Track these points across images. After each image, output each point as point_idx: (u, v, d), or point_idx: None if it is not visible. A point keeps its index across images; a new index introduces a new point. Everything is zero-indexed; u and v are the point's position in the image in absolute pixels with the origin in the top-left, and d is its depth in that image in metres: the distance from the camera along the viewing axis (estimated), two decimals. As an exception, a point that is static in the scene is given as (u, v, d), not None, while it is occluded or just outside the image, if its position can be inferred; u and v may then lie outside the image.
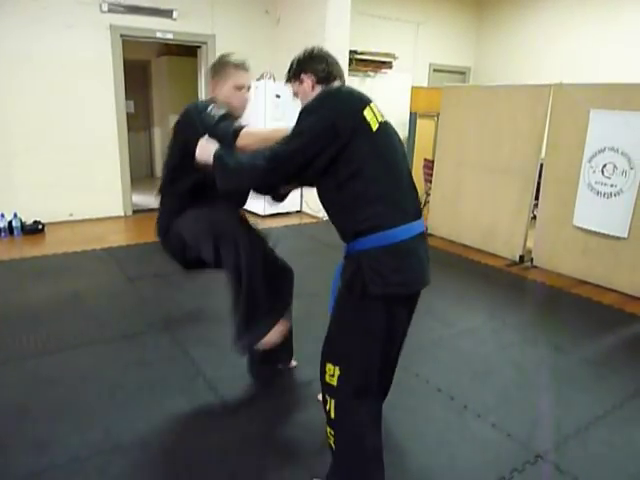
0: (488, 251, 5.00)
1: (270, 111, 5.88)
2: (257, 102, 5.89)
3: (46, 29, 5.10)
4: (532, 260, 4.66)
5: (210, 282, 3.97)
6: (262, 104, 5.85)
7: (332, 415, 1.67)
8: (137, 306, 3.48)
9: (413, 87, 6.97)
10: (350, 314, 1.65)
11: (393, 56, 7.08)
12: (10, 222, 5.04)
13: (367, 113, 1.61)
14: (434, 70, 7.77)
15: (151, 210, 6.34)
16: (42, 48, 5.11)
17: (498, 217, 4.91)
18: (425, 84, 7.56)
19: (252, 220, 2.45)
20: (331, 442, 1.71)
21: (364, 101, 1.66)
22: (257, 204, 6.21)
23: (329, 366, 1.66)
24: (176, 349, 2.88)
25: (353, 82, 6.36)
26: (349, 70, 6.08)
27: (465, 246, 5.20)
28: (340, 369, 1.63)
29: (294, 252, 4.95)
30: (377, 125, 1.62)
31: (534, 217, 4.77)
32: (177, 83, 8.16)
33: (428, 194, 5.83)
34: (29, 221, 5.17)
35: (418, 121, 6.81)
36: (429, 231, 5.56)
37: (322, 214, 6.15)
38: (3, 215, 5.04)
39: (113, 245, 4.84)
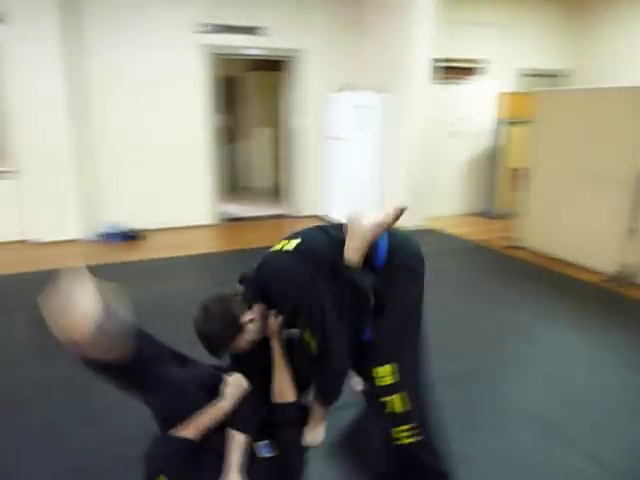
0: (583, 265, 4.68)
1: (351, 122, 5.92)
2: (337, 113, 5.96)
3: (145, 50, 5.53)
4: (631, 276, 4.29)
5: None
6: (343, 115, 5.91)
7: (402, 408, 1.63)
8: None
9: (501, 93, 6.72)
10: None
11: (479, 62, 6.88)
12: (112, 229, 5.47)
13: None
14: (522, 75, 7.44)
15: (238, 219, 6.61)
16: (143, 68, 5.56)
17: (595, 229, 4.59)
18: (512, 89, 7.25)
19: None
20: (405, 440, 1.64)
21: None
22: (337, 211, 6.28)
23: (378, 370, 1.65)
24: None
25: (438, 90, 6.25)
26: (434, 79, 5.99)
27: (558, 259, 4.90)
28: (394, 363, 1.64)
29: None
30: None
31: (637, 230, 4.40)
32: (264, 97, 8.48)
33: (516, 205, 5.57)
34: (128, 228, 5.58)
35: (505, 128, 6.55)
36: (519, 243, 5.31)
37: (403, 223, 6.07)
38: (107, 222, 5.49)
39: (202, 252, 5.10)
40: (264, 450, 1.65)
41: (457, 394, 2.55)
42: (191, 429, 1.52)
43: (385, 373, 1.65)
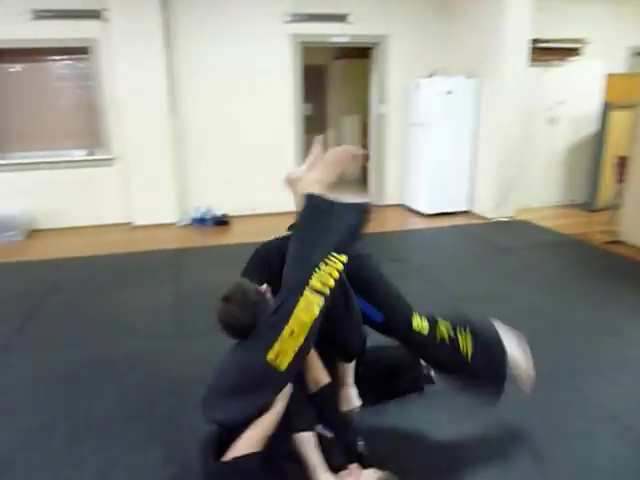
0: (695, 264, 4.24)
1: (440, 108, 5.76)
2: (427, 100, 5.82)
3: (235, 41, 5.73)
4: None
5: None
6: (432, 101, 5.76)
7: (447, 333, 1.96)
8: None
9: (608, 74, 6.18)
10: None
11: (582, 41, 6.38)
12: (203, 214, 5.78)
13: None
14: (636, 53, 6.80)
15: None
16: (232, 59, 5.78)
17: None
18: (621, 70, 6.66)
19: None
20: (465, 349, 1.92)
21: None
22: (421, 201, 6.15)
23: (414, 329, 1.91)
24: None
25: (534, 74, 5.89)
26: (531, 61, 5.65)
27: (664, 256, 4.48)
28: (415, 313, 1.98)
29: (456, 253, 4.81)
30: None
31: None
32: (351, 85, 8.48)
33: (619, 196, 5.13)
34: (219, 214, 5.86)
35: (611, 113, 6.03)
36: (619, 237, 4.91)
37: (491, 214, 5.85)
38: (198, 208, 5.81)
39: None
40: (324, 432, 1.69)
41: (540, 393, 2.44)
42: (253, 442, 1.50)
43: (419, 326, 1.95)
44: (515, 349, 1.98)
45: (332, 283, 1.67)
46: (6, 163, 5.56)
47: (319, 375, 1.80)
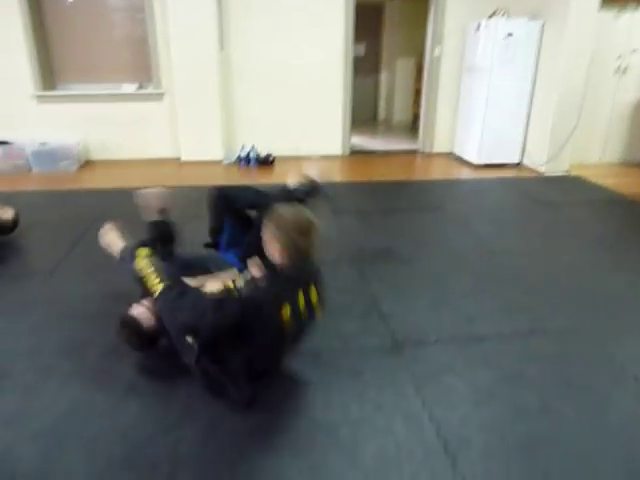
0: None
1: (499, 52, 5.43)
2: (486, 42, 5.50)
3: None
4: None
5: (405, 224, 4.05)
6: (491, 45, 5.43)
7: None
8: (335, 237, 3.76)
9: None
10: None
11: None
12: (248, 154, 5.83)
13: None
14: None
15: (368, 152, 6.61)
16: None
17: None
18: None
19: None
20: None
21: None
22: (471, 151, 5.95)
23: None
24: (360, 281, 3.07)
25: (604, 18, 5.42)
26: (602, 4, 5.18)
27: None
28: None
29: (500, 206, 4.68)
30: None
31: None
32: (407, 26, 8.10)
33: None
34: (263, 154, 5.90)
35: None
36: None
37: (544, 168, 5.60)
38: (244, 147, 5.87)
39: (327, 181, 5.23)
40: None
41: (565, 347, 2.42)
42: None
43: None
44: None
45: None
46: (62, 94, 5.76)
47: None
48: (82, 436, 1.85)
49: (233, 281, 2.11)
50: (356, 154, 6.42)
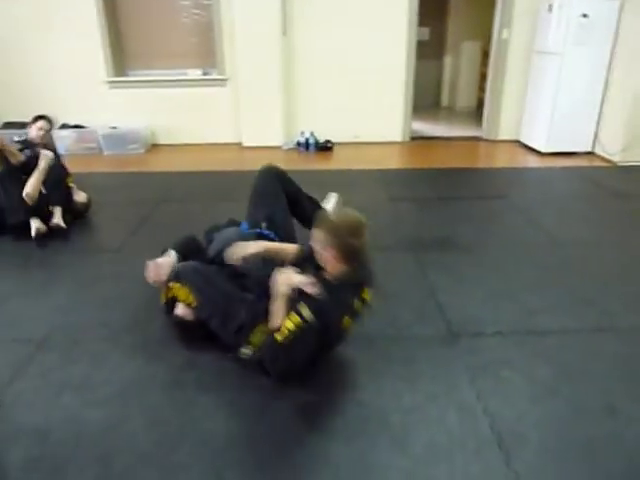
0: None
1: (572, 34, 5.12)
2: (558, 24, 5.20)
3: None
4: None
5: (466, 213, 3.94)
6: (564, 26, 5.13)
7: None
8: (392, 224, 3.72)
9: None
10: None
11: None
12: (307, 139, 5.85)
13: None
14: None
15: (428, 138, 6.47)
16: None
17: None
18: None
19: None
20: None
21: None
22: (538, 138, 5.68)
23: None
24: (416, 269, 3.02)
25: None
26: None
27: None
28: None
29: (567, 195, 4.45)
30: None
31: None
32: (474, 8, 7.80)
33: None
34: (322, 139, 5.90)
35: None
36: None
37: (618, 158, 5.27)
38: (303, 132, 5.89)
39: (386, 167, 5.17)
40: None
41: (630, 347, 2.29)
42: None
43: None
44: None
45: None
46: (131, 80, 5.99)
47: None
48: (143, 405, 1.95)
49: (299, 313, 1.92)
50: (417, 140, 6.29)
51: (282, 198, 2.83)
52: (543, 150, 5.61)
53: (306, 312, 1.89)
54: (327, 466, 1.68)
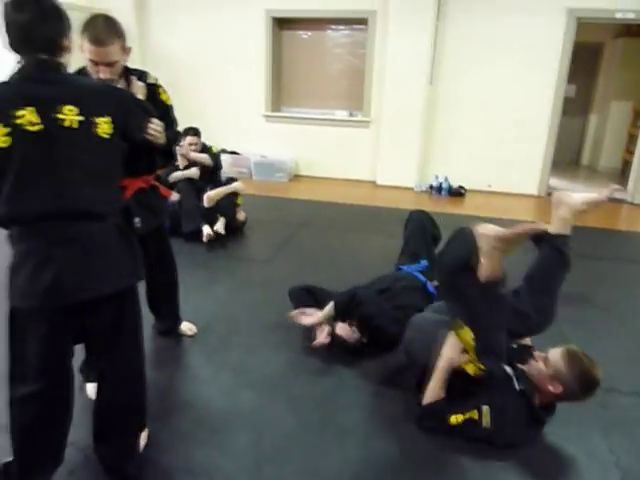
0: None
1: None
2: None
3: (504, 15, 5.61)
4: None
5: (605, 273, 3.83)
6: None
7: None
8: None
9: None
10: None
11: None
12: (441, 183, 6.02)
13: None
14: None
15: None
16: (498, 33, 5.67)
17: None
18: None
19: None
20: None
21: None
22: None
23: None
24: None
25: None
26: None
27: None
28: None
29: None
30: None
31: None
32: (628, 67, 7.53)
33: None
34: (455, 185, 6.03)
35: None
36: None
37: None
38: (437, 177, 6.07)
39: (520, 219, 5.14)
40: None
41: None
42: None
43: None
44: None
45: None
46: (282, 116, 6.64)
47: None
48: (288, 394, 2.21)
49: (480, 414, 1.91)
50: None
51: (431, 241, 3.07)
52: None
53: (486, 419, 1.89)
54: None
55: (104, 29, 1.83)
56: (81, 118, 1.40)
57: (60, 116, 1.37)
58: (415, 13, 5.65)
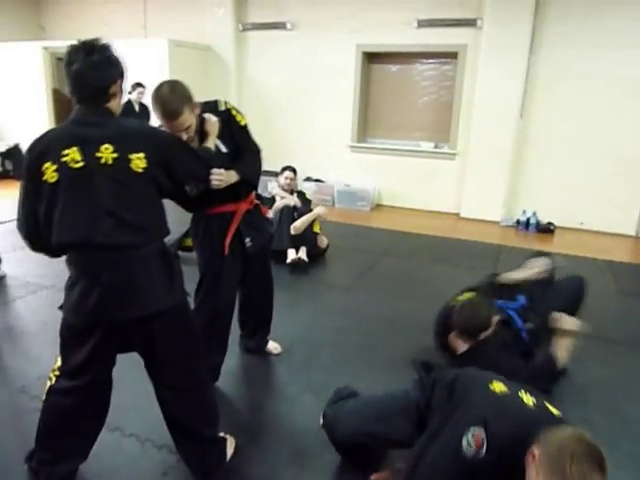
0: None
1: None
2: None
3: (600, 49, 5.42)
4: None
5: None
6: None
7: None
8: (624, 319, 3.50)
9: None
10: None
11: None
12: (528, 219, 5.82)
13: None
14: None
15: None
16: (592, 67, 5.48)
17: None
18: None
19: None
20: None
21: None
22: None
23: None
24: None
25: None
26: None
27: None
28: None
29: None
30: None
31: None
32: None
33: None
34: (544, 221, 5.80)
35: None
36: None
37: None
38: (525, 212, 5.88)
39: (615, 259, 4.85)
40: None
41: None
42: None
43: None
44: None
45: None
46: (368, 146, 6.76)
47: None
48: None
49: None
50: (652, 237, 5.74)
51: None
52: None
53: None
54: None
55: (171, 100, 1.89)
56: (115, 155, 1.55)
57: (98, 154, 1.54)
58: (507, 47, 5.61)
